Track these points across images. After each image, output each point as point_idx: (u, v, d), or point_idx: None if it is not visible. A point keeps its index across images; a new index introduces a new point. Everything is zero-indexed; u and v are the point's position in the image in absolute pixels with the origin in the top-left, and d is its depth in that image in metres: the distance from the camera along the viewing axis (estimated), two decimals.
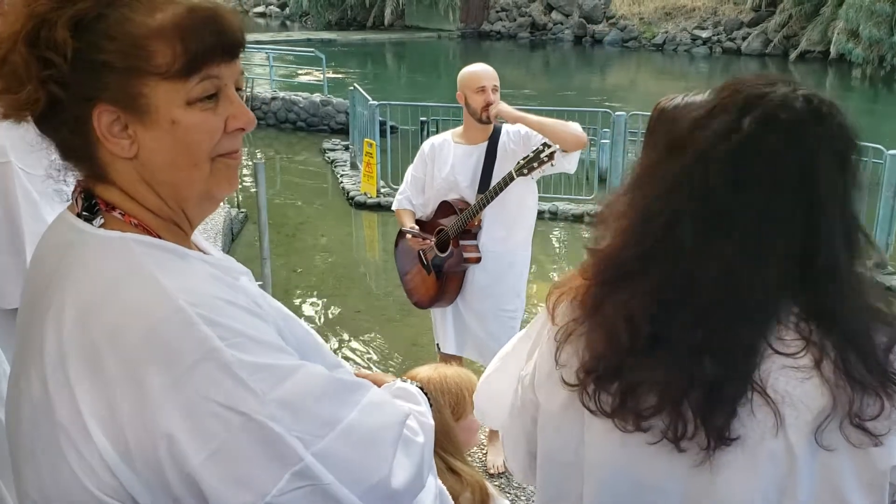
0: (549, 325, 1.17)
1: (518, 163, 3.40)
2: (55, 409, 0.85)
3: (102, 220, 0.94)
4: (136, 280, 0.87)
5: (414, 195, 3.85)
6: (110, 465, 0.81)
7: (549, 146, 3.32)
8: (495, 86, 3.57)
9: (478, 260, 3.69)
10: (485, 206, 3.55)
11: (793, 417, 0.97)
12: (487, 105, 3.53)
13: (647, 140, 1.85)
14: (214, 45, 0.93)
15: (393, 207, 3.99)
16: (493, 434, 3.74)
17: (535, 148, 3.38)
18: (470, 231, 3.67)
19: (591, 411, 1.06)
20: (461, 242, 3.67)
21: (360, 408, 0.95)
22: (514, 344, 1.37)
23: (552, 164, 3.33)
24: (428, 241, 3.73)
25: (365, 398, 0.98)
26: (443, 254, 3.72)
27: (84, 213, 0.95)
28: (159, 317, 0.83)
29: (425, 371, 2.02)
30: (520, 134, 3.56)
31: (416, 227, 3.76)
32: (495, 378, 1.41)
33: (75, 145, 0.94)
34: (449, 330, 3.85)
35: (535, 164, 3.34)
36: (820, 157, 0.98)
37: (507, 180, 3.44)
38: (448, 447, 1.82)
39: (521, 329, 3.79)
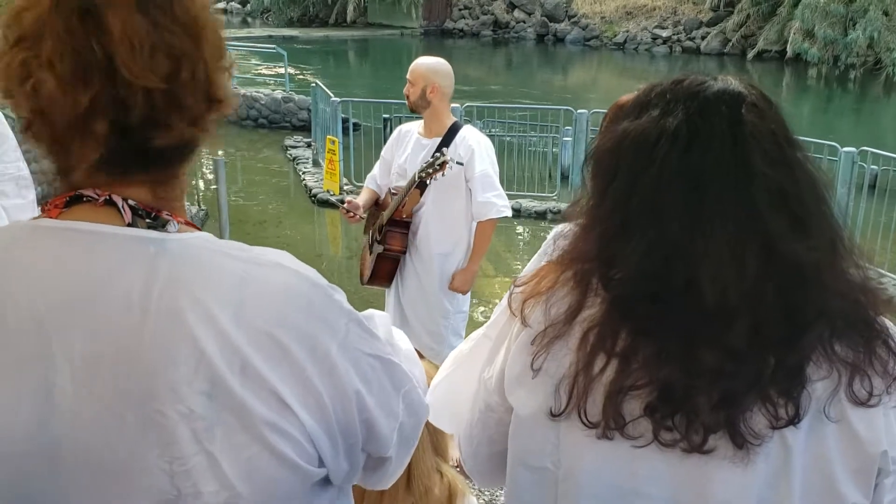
0: (517, 326, 1.11)
1: (420, 167, 3.54)
2: (252, 411, 0.83)
3: (178, 226, 0.90)
4: (262, 270, 0.89)
5: (380, 175, 3.99)
6: (312, 436, 0.88)
7: (444, 155, 3.46)
8: (409, 79, 3.70)
9: (400, 251, 3.77)
10: (401, 201, 3.66)
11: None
12: (407, 96, 3.71)
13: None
14: None
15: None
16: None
17: (433, 156, 3.52)
18: (399, 221, 3.74)
19: (585, 426, 1.01)
20: (388, 230, 3.76)
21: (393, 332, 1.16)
22: (471, 347, 1.32)
23: (443, 174, 3.48)
24: (352, 216, 3.83)
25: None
26: (379, 237, 3.84)
27: (148, 221, 0.88)
28: (307, 294, 0.90)
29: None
30: (471, 149, 3.63)
31: (358, 203, 3.86)
32: (450, 380, 1.37)
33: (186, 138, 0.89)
34: (391, 313, 3.93)
35: (431, 171, 3.48)
36: (761, 144, 0.98)
37: (410, 185, 3.58)
38: (440, 449, 1.81)
39: (465, 327, 3.88)
